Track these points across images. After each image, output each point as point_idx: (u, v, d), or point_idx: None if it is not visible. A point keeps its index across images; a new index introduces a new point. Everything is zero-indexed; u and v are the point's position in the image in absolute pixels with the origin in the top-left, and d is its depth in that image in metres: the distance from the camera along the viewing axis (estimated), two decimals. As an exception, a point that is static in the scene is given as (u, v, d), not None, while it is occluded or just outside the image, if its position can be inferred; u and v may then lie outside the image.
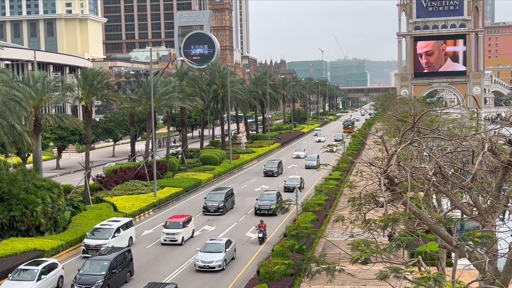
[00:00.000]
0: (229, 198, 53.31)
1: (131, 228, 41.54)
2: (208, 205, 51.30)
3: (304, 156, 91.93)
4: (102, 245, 37.10)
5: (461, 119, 32.93)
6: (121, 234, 39.52)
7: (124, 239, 39.93)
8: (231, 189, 55.30)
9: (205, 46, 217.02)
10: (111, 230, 38.96)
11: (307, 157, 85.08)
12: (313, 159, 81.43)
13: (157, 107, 67.77)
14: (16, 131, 42.23)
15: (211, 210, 50.92)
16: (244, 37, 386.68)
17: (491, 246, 13.86)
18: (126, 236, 40.34)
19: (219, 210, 50.92)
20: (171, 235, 40.94)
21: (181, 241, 40.97)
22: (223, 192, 53.42)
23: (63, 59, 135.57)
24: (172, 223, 41.76)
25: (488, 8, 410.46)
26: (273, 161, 78.38)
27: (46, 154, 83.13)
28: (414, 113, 16.93)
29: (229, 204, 53.06)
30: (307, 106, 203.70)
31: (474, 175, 15.12)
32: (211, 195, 52.74)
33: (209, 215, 50.73)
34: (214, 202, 51.35)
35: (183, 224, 41.65)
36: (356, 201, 15.14)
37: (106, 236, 38.31)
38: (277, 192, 53.08)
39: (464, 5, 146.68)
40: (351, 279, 28.14)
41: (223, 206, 51.29)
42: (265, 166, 76.86)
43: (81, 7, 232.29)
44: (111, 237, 38.30)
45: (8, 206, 38.56)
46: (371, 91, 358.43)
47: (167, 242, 40.89)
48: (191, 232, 43.11)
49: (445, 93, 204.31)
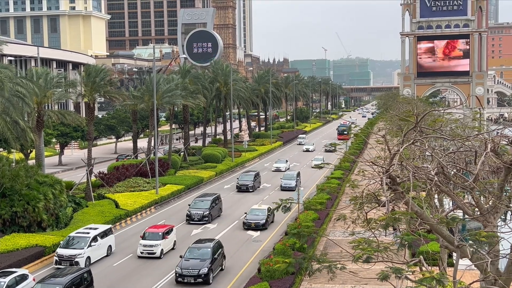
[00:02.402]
0: (215, 205, 49.11)
1: (110, 236, 38.45)
2: (192, 213, 47.09)
3: (285, 169, 76.30)
4: (77, 255, 34.70)
5: (463, 119, 32.87)
6: (98, 243, 36.60)
7: (102, 249, 37.15)
8: (217, 196, 50.85)
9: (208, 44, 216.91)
10: (87, 239, 35.98)
11: (284, 175, 64.98)
12: (291, 177, 62.87)
13: (160, 104, 67.76)
14: (19, 127, 42.27)
15: (195, 219, 46.84)
16: (247, 35, 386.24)
17: (493, 247, 13.85)
18: (104, 245, 37.43)
19: (204, 218, 46.87)
20: (149, 247, 37.05)
21: (160, 254, 37.13)
22: (209, 198, 49.01)
23: (66, 55, 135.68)
24: (151, 233, 37.89)
25: (491, 8, 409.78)
26: (249, 173, 65.27)
27: (48, 150, 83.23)
28: (416, 113, 16.90)
29: (215, 212, 48.98)
30: (309, 104, 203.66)
31: (476, 175, 15.10)
32: (195, 202, 48.46)
33: (193, 224, 46.66)
34: (198, 209, 47.25)
35: (163, 235, 37.84)
36: (358, 200, 15.13)
37: (81, 246, 35.49)
38: None
39: (468, 5, 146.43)
40: (352, 278, 28.16)
41: (208, 214, 47.15)
42: (238, 179, 63.89)
43: (85, 4, 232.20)
44: (86, 247, 35.49)
45: (10, 201, 38.65)
46: (373, 91, 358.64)
47: (144, 255, 37.03)
48: (172, 244, 39.17)
49: (448, 93, 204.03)
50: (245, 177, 63.48)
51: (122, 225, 46.21)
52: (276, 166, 77.38)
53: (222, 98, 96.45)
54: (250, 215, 45.45)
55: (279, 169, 75.58)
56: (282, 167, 76.55)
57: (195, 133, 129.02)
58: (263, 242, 41.24)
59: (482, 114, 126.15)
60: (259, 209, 46.30)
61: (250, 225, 44.48)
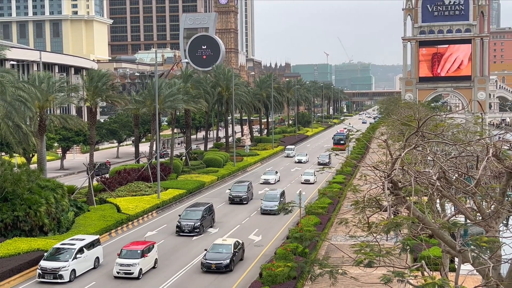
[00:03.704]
0: (207, 216, 46.17)
1: (98, 247, 36.52)
2: (183, 224, 44.03)
3: (275, 181, 68.74)
4: (61, 268, 32.91)
5: (465, 124, 32.87)
6: (84, 255, 34.69)
7: (89, 261, 35.25)
8: (210, 205, 47.87)
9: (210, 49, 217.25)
10: (72, 250, 34.14)
11: (265, 195, 53.81)
12: (273, 198, 52.52)
13: (162, 108, 67.86)
14: (21, 131, 42.33)
15: (186, 230, 43.80)
16: (249, 40, 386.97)
17: (495, 252, 13.84)
18: (91, 257, 35.48)
19: (195, 230, 43.91)
20: (126, 266, 33.91)
21: (138, 275, 33.95)
22: (201, 208, 45.88)
23: (69, 60, 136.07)
24: (128, 251, 34.77)
25: (493, 13, 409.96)
26: (242, 184, 59.56)
27: (50, 155, 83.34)
28: (418, 118, 16.93)
29: (207, 223, 46.20)
30: (311, 109, 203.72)
31: (478, 180, 15.10)
32: (186, 212, 45.40)
33: (184, 236, 43.75)
34: (189, 221, 44.14)
35: (142, 253, 34.61)
36: (360, 204, 15.14)
37: (66, 258, 33.56)
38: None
39: (469, 10, 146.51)
40: (354, 283, 28.10)
41: (199, 225, 44.21)
42: (230, 190, 58.88)
43: (87, 9, 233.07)
44: (71, 259, 33.58)
45: (12, 206, 38.67)
46: (375, 95, 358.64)
47: (121, 275, 33.98)
48: (152, 262, 35.93)
49: (449, 98, 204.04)
50: (238, 187, 58.45)
51: (123, 230, 46.19)
52: (264, 178, 68.10)
53: (224, 102, 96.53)
54: (211, 252, 36.19)
55: (267, 182, 67.24)
56: (272, 179, 68.16)
57: (197, 137, 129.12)
58: (265, 247, 41.22)
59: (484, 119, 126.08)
60: (223, 245, 36.89)
61: (210, 266, 35.26)
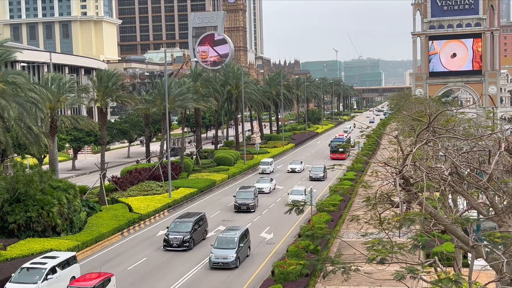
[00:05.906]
0: (198, 228, 41.61)
1: (74, 265, 32.42)
2: (170, 238, 39.61)
3: (269, 190, 62.42)
4: None
5: (477, 118, 32.66)
6: (57, 275, 30.53)
7: (63, 281, 30.59)
8: (202, 215, 43.23)
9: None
10: (43, 270, 30.03)
11: (218, 238, 37.05)
12: (230, 241, 36.47)
13: (172, 108, 68.01)
14: (33, 132, 42.59)
15: (174, 245, 39.41)
16: (258, 38, 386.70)
17: (509, 247, 13.75)
18: (65, 277, 31.02)
19: (184, 244, 39.44)
20: None
21: None
22: (191, 220, 41.33)
23: (78, 61, 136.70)
24: None
25: (504, 6, 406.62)
26: (247, 190, 54.24)
27: (62, 155, 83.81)
28: (429, 113, 16.84)
29: (198, 235, 41.54)
30: (321, 106, 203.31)
31: (490, 175, 15.01)
32: (175, 224, 40.75)
33: (171, 250, 39.48)
34: (178, 234, 39.68)
35: None
36: (371, 201, 15.10)
37: (34, 280, 29.54)
38: None
39: (479, 4, 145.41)
40: (366, 280, 28.05)
41: (189, 239, 39.67)
42: (236, 197, 53.48)
43: (96, 9, 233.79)
44: (41, 280, 29.51)
45: (24, 207, 38.94)
46: (385, 91, 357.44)
47: None
48: None
49: (460, 92, 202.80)
50: (243, 194, 53.38)
51: (135, 229, 46.42)
52: (258, 187, 60.38)
53: (234, 100, 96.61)
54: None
55: (262, 191, 60.53)
56: (266, 188, 61.92)
57: (207, 136, 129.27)
58: (277, 245, 41.22)
59: (495, 113, 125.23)
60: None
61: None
